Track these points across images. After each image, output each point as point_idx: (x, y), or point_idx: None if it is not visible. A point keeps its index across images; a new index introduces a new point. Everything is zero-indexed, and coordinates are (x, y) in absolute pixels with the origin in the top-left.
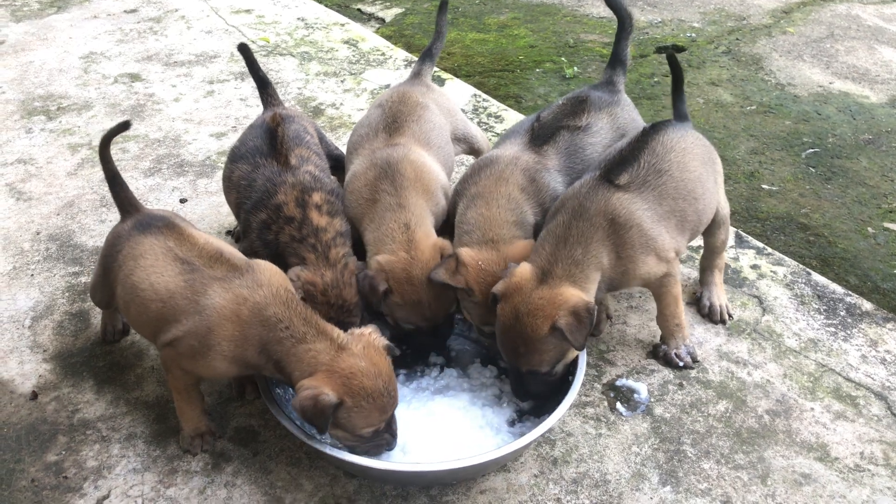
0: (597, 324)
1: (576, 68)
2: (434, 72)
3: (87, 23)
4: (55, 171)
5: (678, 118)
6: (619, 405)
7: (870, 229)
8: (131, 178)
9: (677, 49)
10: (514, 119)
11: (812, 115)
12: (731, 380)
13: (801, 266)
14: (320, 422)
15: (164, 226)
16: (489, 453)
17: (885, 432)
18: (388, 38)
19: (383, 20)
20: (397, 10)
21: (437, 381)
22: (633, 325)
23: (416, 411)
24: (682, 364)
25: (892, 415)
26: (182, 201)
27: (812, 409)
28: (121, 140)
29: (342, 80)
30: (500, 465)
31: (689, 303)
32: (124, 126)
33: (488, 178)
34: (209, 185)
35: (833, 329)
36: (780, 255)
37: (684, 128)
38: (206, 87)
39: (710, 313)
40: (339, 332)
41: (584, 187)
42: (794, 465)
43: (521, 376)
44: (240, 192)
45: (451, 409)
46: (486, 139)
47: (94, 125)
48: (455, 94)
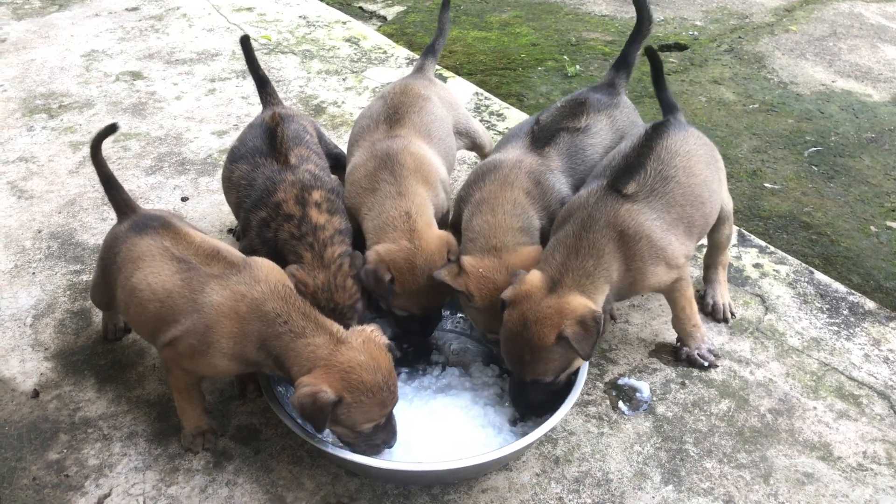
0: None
1: (578, 66)
2: (436, 70)
3: (88, 21)
4: (56, 170)
5: (667, 109)
6: (621, 404)
7: (872, 228)
8: (132, 177)
9: (680, 47)
10: (515, 117)
11: (815, 113)
12: (734, 379)
13: (803, 265)
14: (319, 419)
15: (160, 226)
16: (491, 453)
17: (888, 431)
18: (389, 36)
19: (385, 18)
20: (399, 8)
21: (438, 379)
22: (635, 323)
23: (417, 410)
24: (706, 364)
25: (895, 414)
26: (183, 199)
27: (815, 408)
28: (122, 138)
29: (344, 79)
30: (502, 465)
31: None
32: (112, 129)
33: (493, 184)
34: (210, 183)
35: (836, 328)
36: (783, 254)
37: (684, 127)
38: (207, 85)
39: (713, 312)
40: (338, 327)
41: (592, 197)
42: (797, 464)
43: (524, 385)
44: (240, 191)
45: (453, 407)
46: (487, 135)
47: (95, 123)
48: (457, 92)
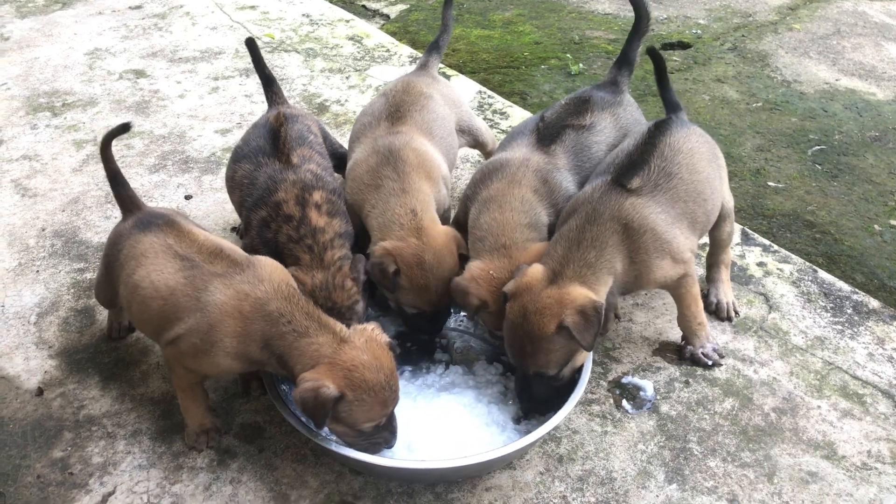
0: (604, 323)
1: (581, 65)
2: (440, 68)
3: (91, 19)
4: (60, 168)
5: (670, 108)
6: (625, 403)
7: (876, 227)
8: (136, 175)
9: (683, 45)
10: (519, 115)
11: (818, 112)
12: (738, 377)
13: (807, 263)
14: (320, 415)
15: (164, 223)
16: (495, 451)
17: (893, 430)
18: (392, 34)
19: (388, 16)
20: (402, 7)
21: (442, 378)
22: (639, 322)
23: (421, 408)
24: (710, 363)
25: None
26: (187, 198)
27: (819, 406)
28: (126, 137)
29: (347, 77)
30: (506, 463)
31: None
32: (125, 128)
33: (500, 181)
34: (214, 181)
35: (840, 327)
36: (787, 253)
37: (686, 125)
38: (210, 83)
39: (716, 310)
40: (341, 326)
41: (597, 192)
42: (801, 463)
43: (528, 379)
44: (243, 190)
45: (457, 406)
46: (490, 133)
47: (99, 121)
48: (460, 90)
